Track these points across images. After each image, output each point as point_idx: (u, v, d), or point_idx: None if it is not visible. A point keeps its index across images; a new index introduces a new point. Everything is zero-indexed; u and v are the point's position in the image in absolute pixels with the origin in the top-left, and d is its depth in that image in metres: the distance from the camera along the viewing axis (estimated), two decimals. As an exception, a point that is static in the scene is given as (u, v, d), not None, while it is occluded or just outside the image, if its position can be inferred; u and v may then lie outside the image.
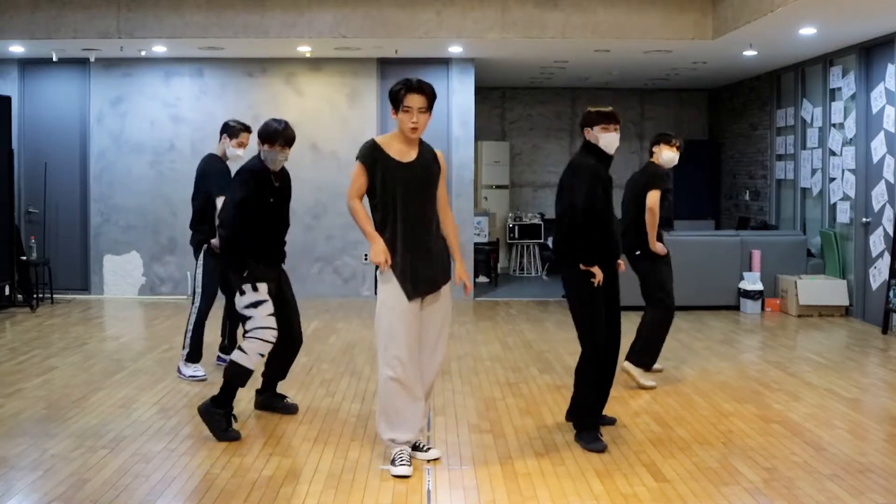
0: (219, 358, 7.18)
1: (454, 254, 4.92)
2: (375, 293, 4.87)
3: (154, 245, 11.23)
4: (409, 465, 4.69)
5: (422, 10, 9.54)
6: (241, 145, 6.86)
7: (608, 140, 5.30)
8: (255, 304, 5.29)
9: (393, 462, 4.72)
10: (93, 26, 9.61)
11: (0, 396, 6.16)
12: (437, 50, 10.57)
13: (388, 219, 4.71)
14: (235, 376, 5.26)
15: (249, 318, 5.30)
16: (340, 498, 4.34)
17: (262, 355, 5.32)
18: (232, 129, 6.85)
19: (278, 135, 5.47)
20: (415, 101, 4.66)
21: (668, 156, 6.83)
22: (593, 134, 5.30)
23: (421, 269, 4.70)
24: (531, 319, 9.73)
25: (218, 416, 5.25)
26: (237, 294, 5.36)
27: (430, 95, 4.71)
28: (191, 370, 6.76)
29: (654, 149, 6.88)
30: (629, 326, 6.09)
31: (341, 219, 11.08)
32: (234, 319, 6.96)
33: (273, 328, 5.30)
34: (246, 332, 5.31)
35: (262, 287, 5.33)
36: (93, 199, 11.30)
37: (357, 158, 4.74)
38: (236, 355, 5.29)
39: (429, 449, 4.96)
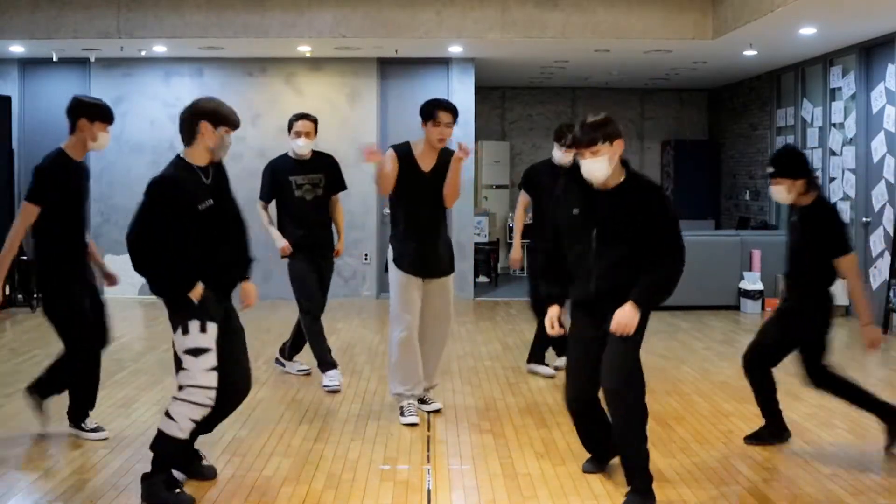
0: (276, 360, 7.06)
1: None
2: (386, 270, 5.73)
3: (154, 245, 11.23)
4: (416, 416, 5.56)
5: (422, 10, 9.54)
6: (300, 135, 6.66)
7: (584, 169, 4.20)
8: (196, 352, 4.15)
9: (402, 414, 5.57)
10: (93, 26, 9.61)
11: (0, 396, 6.16)
12: (437, 50, 10.57)
13: (400, 213, 5.60)
14: (164, 453, 4.19)
15: (184, 368, 4.17)
16: (340, 498, 4.34)
17: (195, 421, 4.18)
18: (289, 123, 6.76)
19: (234, 116, 4.70)
20: (445, 117, 5.52)
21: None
22: None
23: (419, 257, 5.54)
24: (531, 319, 9.70)
25: (155, 484, 4.17)
26: (177, 331, 4.18)
27: (456, 115, 5.58)
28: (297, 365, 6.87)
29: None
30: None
31: (341, 219, 11.06)
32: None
33: (212, 387, 4.16)
34: (179, 386, 4.21)
35: (212, 329, 4.19)
36: (93, 199, 11.26)
37: (392, 147, 5.61)
38: (162, 422, 4.18)
39: (433, 402, 5.86)
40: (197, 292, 4.18)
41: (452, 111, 5.56)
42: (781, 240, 10.47)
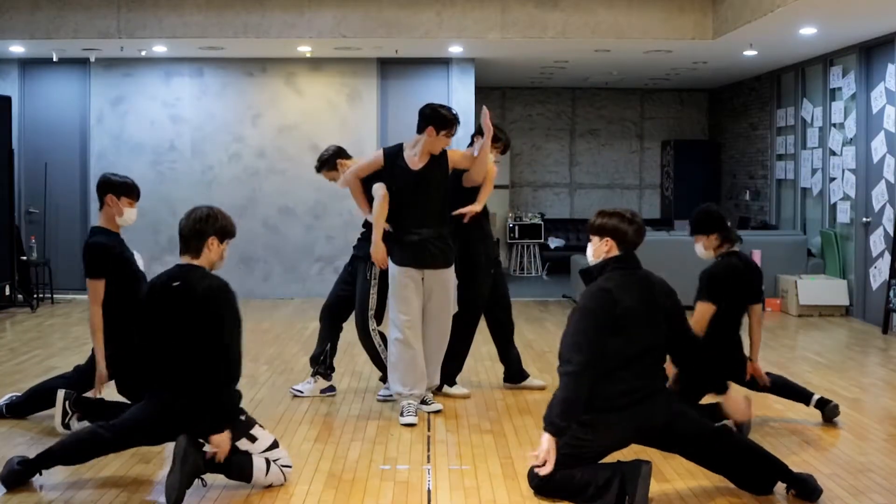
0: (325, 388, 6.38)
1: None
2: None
3: (154, 245, 11.23)
4: (415, 416, 5.57)
5: (422, 10, 9.54)
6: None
7: None
8: (274, 444, 4.50)
9: (402, 414, 5.58)
10: (93, 26, 9.61)
11: (0, 396, 6.15)
12: (437, 50, 10.57)
13: (396, 212, 5.67)
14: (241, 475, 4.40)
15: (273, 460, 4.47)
16: (340, 498, 4.34)
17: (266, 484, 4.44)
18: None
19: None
20: (451, 132, 5.62)
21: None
22: None
23: (414, 249, 5.62)
24: (531, 319, 9.72)
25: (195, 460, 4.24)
26: (241, 441, 4.38)
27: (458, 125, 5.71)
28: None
29: None
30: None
31: (342, 218, 11.07)
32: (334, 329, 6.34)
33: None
34: (275, 459, 4.46)
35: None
36: (93, 199, 11.26)
37: (383, 148, 5.82)
38: (257, 463, 4.40)
39: (433, 402, 5.85)
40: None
41: (457, 125, 5.67)
42: (781, 240, 10.61)
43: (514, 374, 6.55)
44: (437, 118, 5.56)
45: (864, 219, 9.49)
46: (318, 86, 11.35)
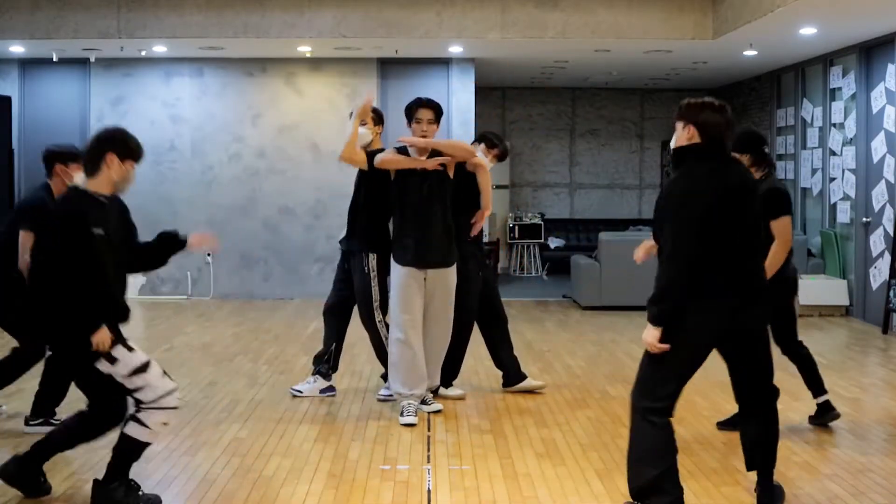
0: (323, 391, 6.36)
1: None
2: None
3: (154, 245, 11.23)
4: (415, 416, 5.58)
5: (422, 10, 9.54)
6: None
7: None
8: (141, 369, 4.10)
9: (402, 414, 5.59)
10: (93, 26, 9.62)
11: (0, 396, 6.15)
12: (437, 50, 10.57)
13: (399, 208, 5.74)
14: (129, 458, 4.22)
15: (140, 388, 4.09)
16: (340, 498, 4.34)
17: (167, 424, 4.21)
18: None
19: (139, 147, 4.40)
20: (424, 114, 5.75)
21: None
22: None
23: (417, 248, 5.62)
24: (531, 319, 9.72)
25: (115, 489, 4.15)
26: (101, 364, 4.06)
27: (436, 110, 5.80)
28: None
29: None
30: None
31: (341, 218, 10.95)
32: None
33: (176, 388, 4.20)
34: (141, 402, 4.12)
35: (133, 344, 4.18)
36: (93, 199, 11.28)
37: (394, 147, 5.87)
38: (131, 428, 4.14)
39: (433, 402, 5.86)
40: (103, 337, 4.03)
41: (432, 107, 5.77)
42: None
43: (513, 377, 6.47)
44: (405, 111, 5.84)
45: (864, 219, 9.49)
46: (318, 86, 11.35)
